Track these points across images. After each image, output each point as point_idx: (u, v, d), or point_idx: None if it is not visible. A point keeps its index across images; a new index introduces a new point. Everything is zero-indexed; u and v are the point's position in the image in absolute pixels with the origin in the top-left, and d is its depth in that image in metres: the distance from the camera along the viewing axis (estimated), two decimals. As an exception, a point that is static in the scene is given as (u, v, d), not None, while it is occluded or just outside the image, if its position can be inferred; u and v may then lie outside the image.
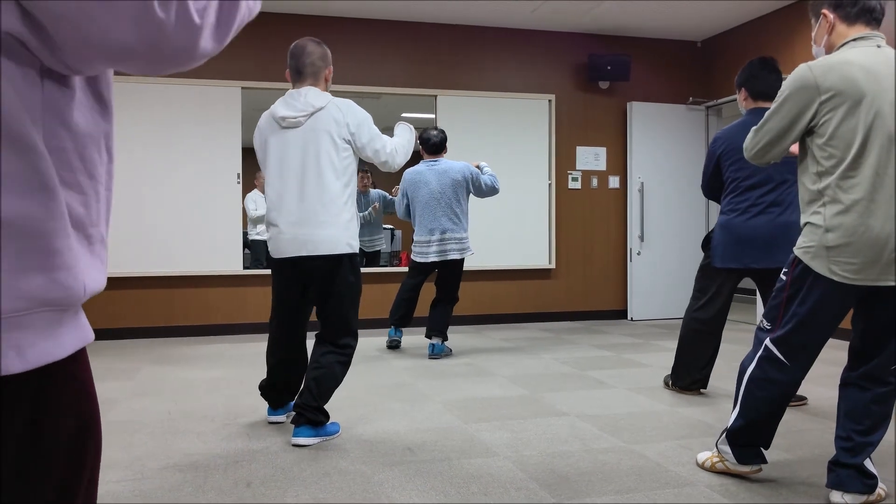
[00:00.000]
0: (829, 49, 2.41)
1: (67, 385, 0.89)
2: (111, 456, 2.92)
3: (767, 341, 2.43)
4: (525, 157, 7.11)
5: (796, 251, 2.35)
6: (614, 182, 7.41)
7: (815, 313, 2.32)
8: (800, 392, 3.90)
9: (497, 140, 7.00)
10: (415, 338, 5.90)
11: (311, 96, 3.04)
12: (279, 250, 3.07)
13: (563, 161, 7.27)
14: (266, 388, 3.37)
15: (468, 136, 6.86)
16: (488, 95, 7.00)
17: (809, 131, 2.32)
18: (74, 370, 0.89)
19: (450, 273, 5.20)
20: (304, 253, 3.00)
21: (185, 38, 0.82)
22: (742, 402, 2.50)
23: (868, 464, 2.36)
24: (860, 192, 2.20)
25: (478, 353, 5.37)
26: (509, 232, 7.04)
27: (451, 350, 5.32)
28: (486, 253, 6.88)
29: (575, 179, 7.31)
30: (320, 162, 3.00)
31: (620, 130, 7.42)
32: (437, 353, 5.12)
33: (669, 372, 4.14)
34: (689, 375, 3.92)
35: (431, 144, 5.19)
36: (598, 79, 7.18)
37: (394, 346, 5.46)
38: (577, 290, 7.33)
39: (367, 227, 6.95)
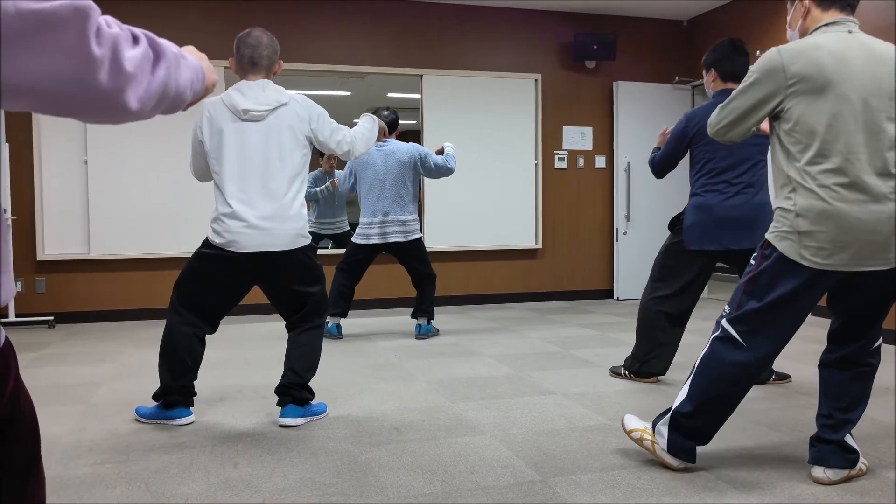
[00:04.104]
0: (804, 34, 2.40)
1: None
2: (95, 439, 2.91)
3: (724, 321, 2.38)
4: (511, 137, 7.08)
5: (768, 236, 2.32)
6: (600, 162, 7.41)
7: (784, 299, 2.27)
8: (783, 370, 3.94)
9: (483, 120, 6.97)
10: (401, 318, 5.91)
11: (273, 91, 2.99)
12: (239, 244, 2.94)
13: (550, 141, 7.26)
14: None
15: (454, 116, 6.82)
16: (474, 75, 6.95)
17: (776, 116, 2.32)
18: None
19: (404, 254, 5.06)
20: (266, 249, 2.95)
21: (112, 81, 0.80)
22: (691, 383, 2.41)
23: (849, 439, 2.40)
24: (831, 177, 2.19)
25: (464, 332, 5.39)
26: (496, 212, 7.04)
27: (437, 330, 5.32)
28: (472, 233, 6.88)
29: (561, 159, 7.30)
30: (284, 158, 2.98)
31: (606, 110, 7.40)
32: (423, 333, 5.12)
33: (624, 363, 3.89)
34: (658, 362, 3.72)
35: None
36: (584, 58, 7.16)
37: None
38: (564, 269, 7.35)
39: (329, 207, 6.75)
